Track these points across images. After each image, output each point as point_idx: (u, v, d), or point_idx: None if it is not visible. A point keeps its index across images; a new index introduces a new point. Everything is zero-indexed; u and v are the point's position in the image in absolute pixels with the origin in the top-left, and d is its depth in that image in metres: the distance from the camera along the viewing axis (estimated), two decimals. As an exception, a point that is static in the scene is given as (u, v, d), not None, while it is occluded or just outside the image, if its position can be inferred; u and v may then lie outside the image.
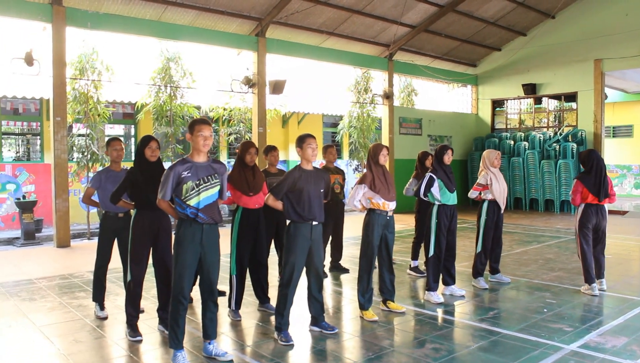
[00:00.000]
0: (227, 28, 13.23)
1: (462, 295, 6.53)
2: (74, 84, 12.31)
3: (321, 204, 5.14)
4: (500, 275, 7.31)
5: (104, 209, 5.80)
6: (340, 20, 14.62)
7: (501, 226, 7.22)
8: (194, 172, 4.31)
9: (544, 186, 16.97)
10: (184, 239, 4.30)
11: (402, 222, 13.16)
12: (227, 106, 14.98)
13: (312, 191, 5.03)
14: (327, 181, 5.28)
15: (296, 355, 4.71)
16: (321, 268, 5.26)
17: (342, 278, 7.73)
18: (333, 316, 5.92)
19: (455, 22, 16.76)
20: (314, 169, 5.18)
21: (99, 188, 5.76)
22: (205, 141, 4.33)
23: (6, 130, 14.07)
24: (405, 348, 4.82)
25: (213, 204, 4.40)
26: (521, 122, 19.77)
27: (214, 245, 4.44)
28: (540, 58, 18.13)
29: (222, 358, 4.48)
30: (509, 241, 10.77)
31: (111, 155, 5.86)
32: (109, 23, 11.46)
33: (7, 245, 11.89)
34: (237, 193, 5.73)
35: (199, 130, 4.31)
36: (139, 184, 5.06)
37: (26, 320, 5.67)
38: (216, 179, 4.41)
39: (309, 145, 5.07)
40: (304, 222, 5.01)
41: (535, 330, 5.24)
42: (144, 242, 5.06)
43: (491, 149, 7.23)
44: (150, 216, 5.03)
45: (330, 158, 7.86)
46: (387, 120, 17.10)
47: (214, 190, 4.39)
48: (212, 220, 4.37)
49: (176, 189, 4.31)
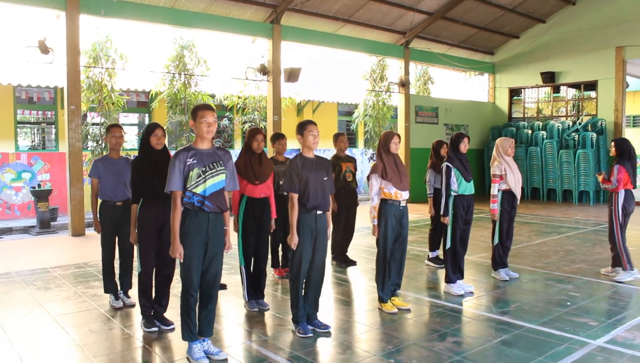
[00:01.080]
0: (242, 15, 13.08)
1: (471, 292, 6.27)
2: (88, 72, 12.27)
3: (325, 193, 4.92)
4: (507, 270, 7.03)
5: (101, 198, 5.70)
6: (356, 7, 14.41)
7: (514, 217, 6.99)
8: (199, 159, 4.14)
9: (562, 176, 16.69)
10: (189, 230, 4.13)
11: (418, 212, 13.01)
12: (241, 94, 14.86)
13: (314, 179, 4.83)
14: (329, 169, 5.04)
15: (314, 347, 4.61)
16: (324, 261, 5.05)
17: (349, 268, 7.61)
18: (350, 308, 5.81)
19: (473, 9, 16.47)
20: (316, 157, 4.98)
21: (98, 177, 5.67)
22: (209, 127, 4.15)
23: (21, 119, 14.06)
24: (425, 341, 4.70)
25: (219, 191, 4.21)
26: (539, 111, 19.45)
27: (219, 235, 4.26)
28: (560, 46, 17.79)
29: (216, 357, 4.29)
30: (527, 232, 10.59)
31: (110, 142, 5.73)
32: (122, 10, 11.36)
33: (23, 234, 11.93)
34: (243, 182, 5.54)
35: (202, 116, 4.13)
36: (144, 174, 4.93)
37: (41, 310, 5.62)
38: (221, 167, 4.22)
39: (310, 132, 4.86)
40: (307, 212, 4.83)
41: (559, 324, 5.09)
42: (151, 233, 4.94)
43: (505, 137, 6.99)
44: (156, 206, 4.91)
45: (341, 146, 7.68)
46: (403, 108, 16.88)
47: (220, 177, 4.21)
48: (218, 209, 4.19)
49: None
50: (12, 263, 8.00)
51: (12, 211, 13.31)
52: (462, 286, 6.29)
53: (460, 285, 6.27)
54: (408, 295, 6.14)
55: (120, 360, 4.33)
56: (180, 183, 4.10)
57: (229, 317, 5.43)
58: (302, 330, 4.84)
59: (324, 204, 4.91)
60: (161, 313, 5.07)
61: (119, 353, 4.47)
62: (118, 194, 5.60)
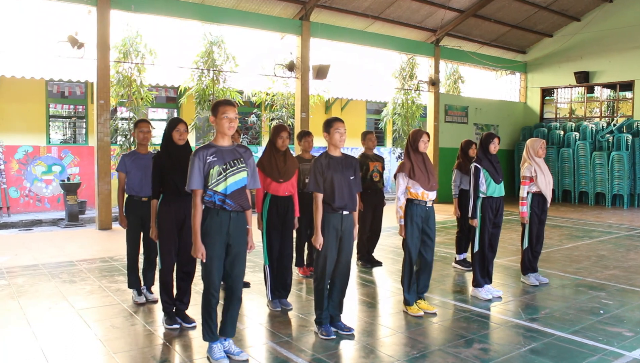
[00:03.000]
0: (271, 11, 13.03)
1: (499, 297, 6.07)
2: (118, 67, 12.39)
3: (352, 192, 4.77)
4: (537, 275, 6.81)
5: (128, 193, 5.68)
6: (386, 4, 14.25)
7: (544, 221, 6.76)
8: (220, 156, 4.02)
9: (594, 179, 16.28)
10: (210, 230, 4.02)
11: (445, 212, 12.81)
12: (269, 91, 14.84)
13: (340, 178, 4.69)
14: (357, 168, 4.88)
15: (337, 350, 4.51)
16: (349, 262, 4.92)
17: (374, 269, 7.49)
18: (374, 310, 5.70)
19: (505, 7, 16.16)
20: (343, 155, 4.83)
21: (125, 172, 5.65)
22: (231, 123, 4.03)
23: (53, 113, 14.26)
24: (451, 347, 4.56)
25: (241, 190, 4.08)
26: (572, 111, 19.03)
27: (241, 234, 4.14)
28: (595, 44, 17.36)
29: (237, 357, 4.21)
30: (558, 236, 10.33)
31: (137, 137, 5.70)
32: (152, 6, 11.41)
33: (52, 226, 12.09)
34: (267, 180, 5.47)
35: (224, 112, 4.02)
36: (165, 169, 4.87)
37: (66, 303, 5.64)
38: (242, 164, 4.09)
39: (336, 130, 4.70)
40: (333, 212, 4.70)
41: (591, 333, 4.90)
42: (171, 230, 4.89)
43: (536, 138, 6.76)
44: (176, 202, 4.85)
45: (370, 145, 7.55)
46: (432, 107, 16.66)
47: (241, 175, 4.08)
48: (240, 207, 4.07)
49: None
50: (40, 254, 8.10)
51: (42, 203, 13.51)
52: (490, 290, 6.12)
53: (488, 290, 6.10)
54: (434, 299, 6.00)
55: (141, 357, 4.29)
56: (201, 181, 4.01)
57: (252, 317, 5.37)
58: (325, 331, 4.75)
59: (351, 204, 4.77)
60: (183, 311, 5.03)
61: (140, 350, 4.44)
62: (144, 190, 5.54)
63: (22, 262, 7.59)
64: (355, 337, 4.79)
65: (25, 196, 13.31)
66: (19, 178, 13.20)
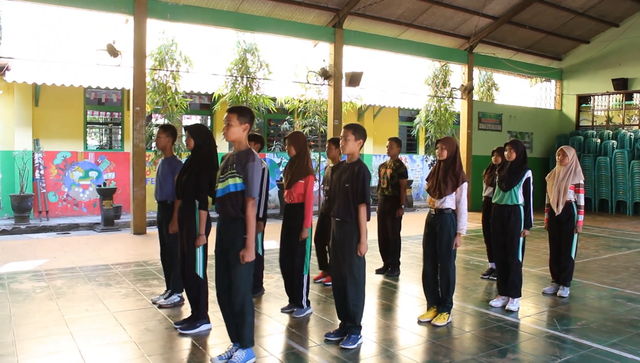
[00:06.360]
0: (304, 19, 13.13)
1: (517, 310, 5.83)
2: (154, 74, 12.60)
3: (344, 199, 4.58)
4: (556, 285, 6.61)
5: (158, 199, 5.79)
6: (419, 11, 14.22)
7: (556, 236, 6.53)
8: (224, 163, 4.20)
9: (633, 188, 15.91)
10: (214, 232, 4.26)
11: (477, 221, 12.64)
12: (302, 98, 14.92)
13: (335, 185, 4.73)
14: (359, 176, 4.58)
15: (365, 357, 4.49)
16: (344, 274, 4.64)
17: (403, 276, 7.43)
18: (400, 318, 5.66)
19: (540, 13, 15.95)
20: (349, 163, 4.70)
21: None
22: (226, 129, 4.18)
23: (91, 119, 14.58)
24: (484, 357, 4.50)
25: (227, 196, 4.06)
26: (609, 119, 18.63)
27: (230, 242, 4.06)
28: (634, 50, 16.98)
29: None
30: (594, 246, 10.11)
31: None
32: (188, 14, 11.61)
33: (88, 230, 12.33)
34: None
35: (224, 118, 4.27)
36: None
37: (101, 306, 5.75)
38: (233, 171, 4.06)
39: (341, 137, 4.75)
40: (332, 218, 4.81)
41: (630, 346, 4.77)
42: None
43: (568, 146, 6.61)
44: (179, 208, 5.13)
45: (389, 152, 7.46)
46: (466, 115, 16.52)
47: (227, 182, 4.08)
48: (223, 213, 4.11)
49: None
50: (77, 258, 8.28)
51: (80, 208, 13.81)
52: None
53: (505, 300, 5.96)
54: (466, 307, 5.94)
55: (174, 359, 4.35)
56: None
57: (271, 323, 5.39)
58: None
59: (342, 212, 4.62)
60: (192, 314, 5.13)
61: (172, 353, 4.49)
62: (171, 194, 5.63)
63: (60, 265, 7.78)
64: (383, 343, 4.76)
65: (63, 200, 13.63)
66: (57, 182, 13.54)
